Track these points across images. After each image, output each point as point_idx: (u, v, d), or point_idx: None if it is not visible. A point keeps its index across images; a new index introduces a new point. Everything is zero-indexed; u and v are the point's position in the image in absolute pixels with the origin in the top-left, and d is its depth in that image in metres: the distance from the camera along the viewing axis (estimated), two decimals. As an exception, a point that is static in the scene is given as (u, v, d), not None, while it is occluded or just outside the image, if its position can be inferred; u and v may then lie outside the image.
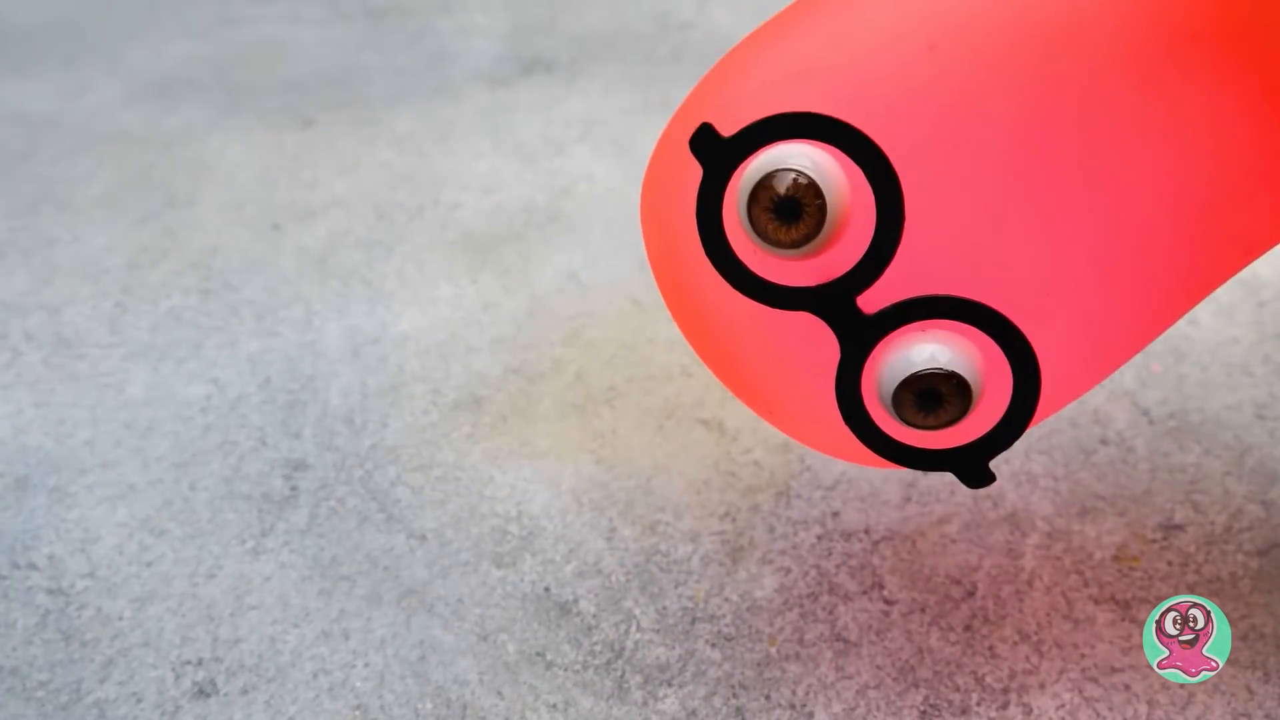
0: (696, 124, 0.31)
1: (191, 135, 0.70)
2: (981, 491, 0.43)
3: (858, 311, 0.31)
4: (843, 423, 0.32)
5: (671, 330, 0.51)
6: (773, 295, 0.32)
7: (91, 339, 0.53)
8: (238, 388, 0.50)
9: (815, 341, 0.33)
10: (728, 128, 0.31)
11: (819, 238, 0.30)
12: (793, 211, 0.30)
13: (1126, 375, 0.48)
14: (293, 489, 0.45)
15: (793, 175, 0.30)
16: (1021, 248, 0.32)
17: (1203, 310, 0.51)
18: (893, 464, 0.33)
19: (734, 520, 0.42)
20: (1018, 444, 0.44)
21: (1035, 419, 0.32)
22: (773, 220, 0.30)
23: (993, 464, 0.44)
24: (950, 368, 0.30)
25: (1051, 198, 0.32)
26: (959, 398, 0.30)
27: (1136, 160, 0.32)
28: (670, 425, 0.47)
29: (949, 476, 0.43)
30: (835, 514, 0.42)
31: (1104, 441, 0.45)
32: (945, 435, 0.32)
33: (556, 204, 0.62)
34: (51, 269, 0.58)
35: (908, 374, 0.30)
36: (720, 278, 0.32)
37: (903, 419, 0.31)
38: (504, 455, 0.46)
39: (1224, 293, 0.52)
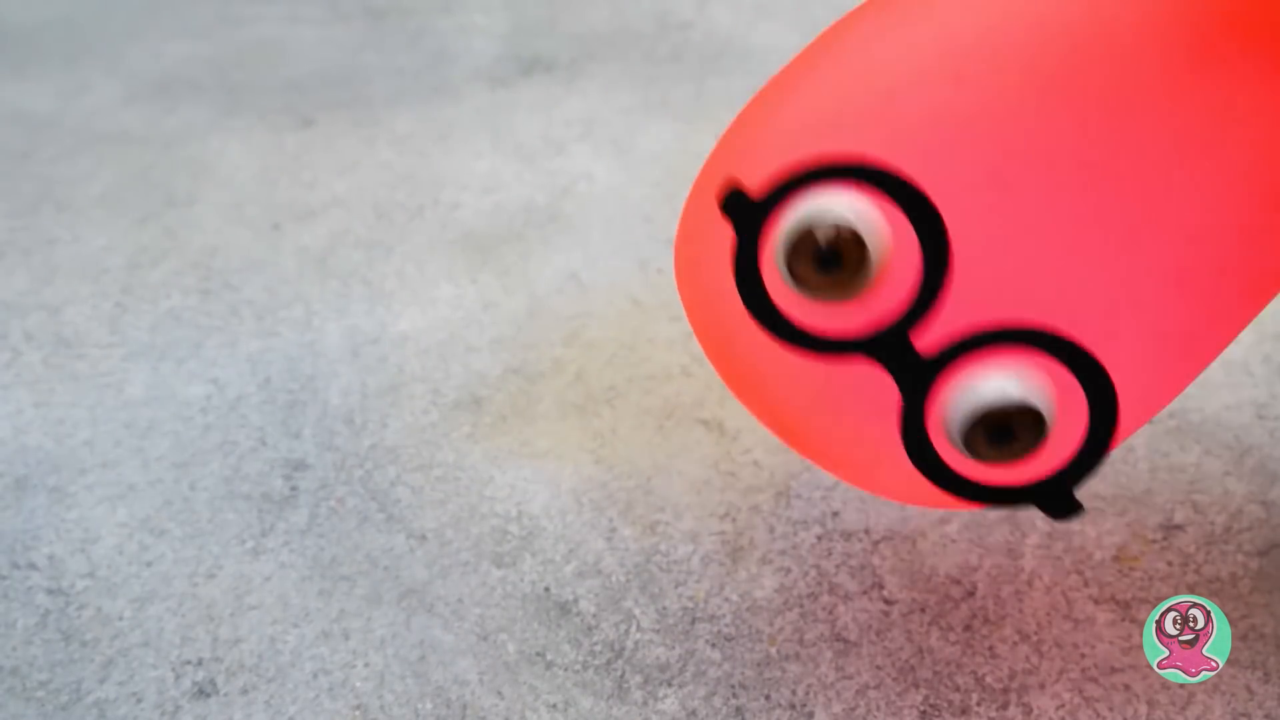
0: (723, 179, 0.30)
1: (191, 135, 0.70)
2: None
3: (914, 353, 0.30)
4: (913, 467, 0.31)
5: (672, 330, 0.51)
6: (823, 347, 0.31)
7: (91, 339, 0.53)
8: (238, 388, 0.50)
9: (872, 388, 0.32)
10: (756, 181, 0.30)
11: (864, 284, 0.29)
12: (835, 261, 0.29)
13: (1126, 375, 0.48)
14: (293, 489, 0.45)
15: (833, 225, 0.29)
16: (1077, 266, 0.31)
17: (1203, 310, 0.51)
18: (972, 504, 0.32)
19: (734, 520, 0.42)
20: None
21: (1116, 441, 0.31)
22: (815, 272, 0.29)
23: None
24: (1022, 398, 0.29)
25: (1099, 210, 0.31)
26: (1033, 429, 0.29)
27: (1183, 162, 0.31)
28: (670, 425, 0.47)
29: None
30: (835, 514, 0.42)
31: (1104, 441, 0.45)
32: (1022, 468, 0.31)
33: (556, 204, 0.62)
34: (51, 269, 0.58)
35: (979, 411, 0.29)
36: (768, 337, 0.31)
37: (975, 456, 0.30)
38: (504, 455, 0.46)
39: (1224, 293, 0.52)
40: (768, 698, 0.36)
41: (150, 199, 0.64)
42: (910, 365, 0.30)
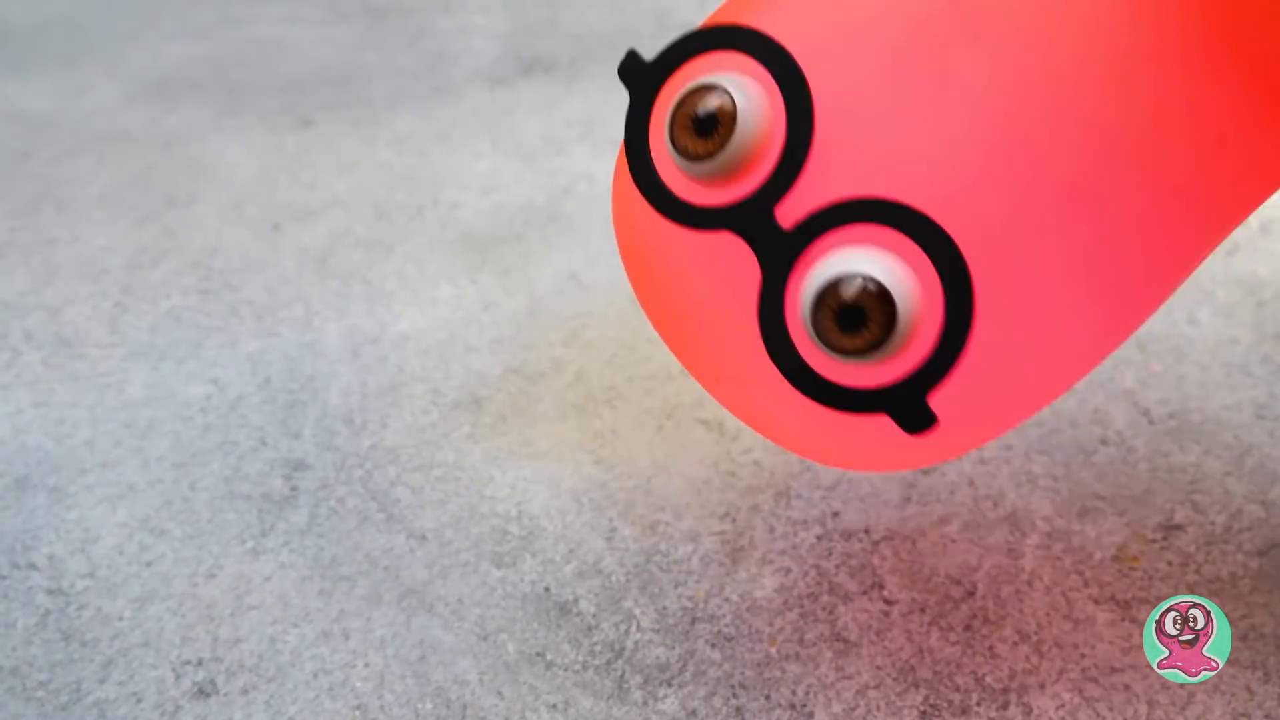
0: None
1: (191, 135, 0.70)
2: (981, 491, 0.43)
3: (774, 224, 0.30)
4: (783, 384, 0.30)
5: (671, 330, 0.51)
6: (692, 216, 0.31)
7: (91, 339, 0.53)
8: (238, 388, 0.50)
9: (747, 277, 0.31)
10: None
11: (740, 158, 0.30)
12: (710, 127, 0.30)
13: (1126, 375, 0.48)
14: (293, 489, 0.45)
15: (710, 89, 0.30)
16: (975, 171, 0.30)
17: (1203, 310, 0.51)
18: (825, 406, 0.30)
19: (734, 520, 0.42)
20: (1018, 444, 0.44)
21: (1040, 397, 0.30)
22: (692, 138, 0.30)
23: (994, 462, 0.44)
24: (865, 272, 0.28)
25: (1011, 121, 0.30)
26: (882, 311, 0.28)
27: (1105, 89, 0.30)
28: (670, 425, 0.47)
29: (949, 476, 0.43)
30: (835, 514, 0.42)
31: (1104, 441, 0.45)
32: (880, 370, 0.29)
33: (556, 204, 0.62)
34: (51, 269, 0.58)
35: (823, 285, 0.28)
36: (653, 210, 0.31)
37: (825, 342, 0.28)
38: (504, 455, 0.46)
39: (1224, 293, 0.52)
40: (768, 698, 0.36)
41: (150, 199, 0.64)
42: (770, 238, 0.29)
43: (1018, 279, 0.30)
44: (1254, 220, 0.57)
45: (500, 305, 0.54)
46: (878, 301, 0.28)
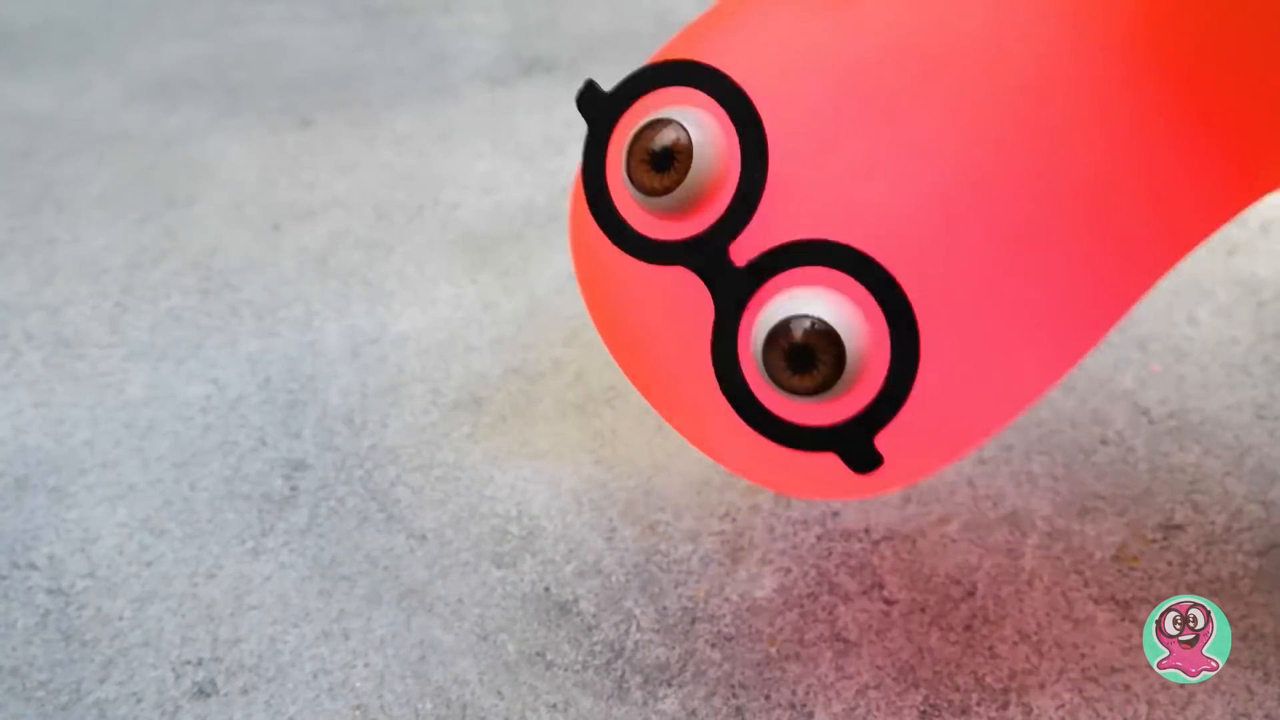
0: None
1: (191, 135, 0.70)
2: (981, 491, 0.43)
3: (728, 261, 0.30)
4: (735, 416, 0.31)
5: (671, 330, 0.51)
6: (647, 249, 0.31)
7: (91, 339, 0.53)
8: (238, 388, 0.50)
9: (701, 311, 0.31)
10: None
11: (695, 194, 0.30)
12: (666, 162, 0.30)
13: (1126, 375, 0.48)
14: (293, 489, 0.45)
15: (669, 130, 0.30)
16: (914, 215, 0.30)
17: (1202, 310, 0.51)
18: (773, 442, 0.30)
19: (734, 520, 0.42)
20: (1018, 444, 0.45)
21: (980, 433, 0.30)
22: (646, 169, 0.30)
23: (994, 462, 0.44)
24: (814, 314, 0.28)
25: (955, 157, 0.30)
26: (830, 353, 0.28)
27: (1055, 118, 0.30)
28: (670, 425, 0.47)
29: (949, 476, 0.43)
30: (835, 514, 0.42)
31: (1104, 441, 0.45)
32: (831, 409, 0.30)
33: (556, 204, 0.62)
34: (51, 269, 0.58)
35: (774, 324, 0.29)
36: (603, 234, 0.32)
37: (775, 382, 0.29)
38: (504, 455, 0.46)
39: (1224, 292, 0.52)
40: (768, 698, 0.36)
41: (150, 199, 0.64)
42: (724, 274, 0.30)
43: (962, 322, 0.30)
44: (1254, 220, 0.57)
45: (500, 305, 0.54)
46: (827, 343, 0.28)
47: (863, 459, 0.30)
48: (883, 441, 0.30)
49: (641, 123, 0.31)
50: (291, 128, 0.71)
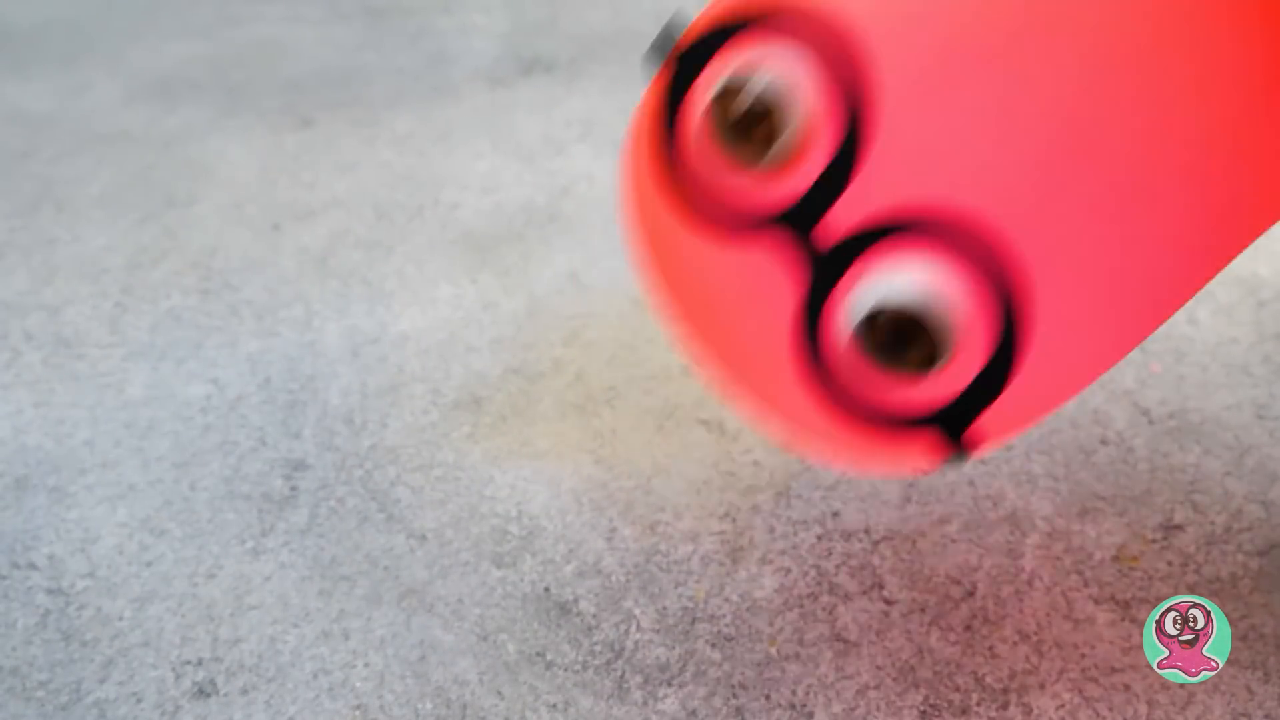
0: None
1: (191, 135, 0.70)
2: (981, 491, 0.43)
3: (822, 236, 0.28)
4: (818, 395, 0.29)
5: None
6: (732, 219, 0.29)
7: (91, 339, 0.53)
8: (238, 388, 0.50)
9: (786, 285, 0.30)
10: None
11: (783, 152, 0.28)
12: (756, 120, 0.28)
13: (1126, 375, 0.48)
14: (293, 489, 0.45)
15: (758, 85, 0.28)
16: (1025, 180, 0.29)
17: (1203, 310, 0.51)
18: (853, 426, 0.29)
19: (734, 520, 0.42)
20: (1018, 444, 0.44)
21: (1068, 389, 0.29)
22: (735, 132, 0.28)
23: (994, 462, 0.44)
24: (915, 293, 0.27)
25: (1066, 113, 0.29)
26: (932, 332, 0.27)
27: (1154, 103, 0.29)
28: (670, 425, 0.47)
29: (949, 476, 0.43)
30: (835, 514, 0.42)
31: (1104, 441, 0.45)
32: (924, 389, 0.28)
33: (556, 204, 0.62)
34: (51, 269, 0.58)
35: (872, 302, 0.27)
36: (682, 210, 0.29)
37: (873, 360, 0.28)
38: (504, 455, 0.46)
39: (1224, 293, 0.52)
40: (768, 698, 0.36)
41: (150, 199, 0.64)
42: (816, 245, 0.28)
43: (1059, 289, 0.30)
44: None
45: (500, 305, 0.54)
46: (928, 322, 0.27)
47: (968, 437, 0.29)
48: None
49: (726, 77, 0.28)
50: (291, 128, 0.71)
